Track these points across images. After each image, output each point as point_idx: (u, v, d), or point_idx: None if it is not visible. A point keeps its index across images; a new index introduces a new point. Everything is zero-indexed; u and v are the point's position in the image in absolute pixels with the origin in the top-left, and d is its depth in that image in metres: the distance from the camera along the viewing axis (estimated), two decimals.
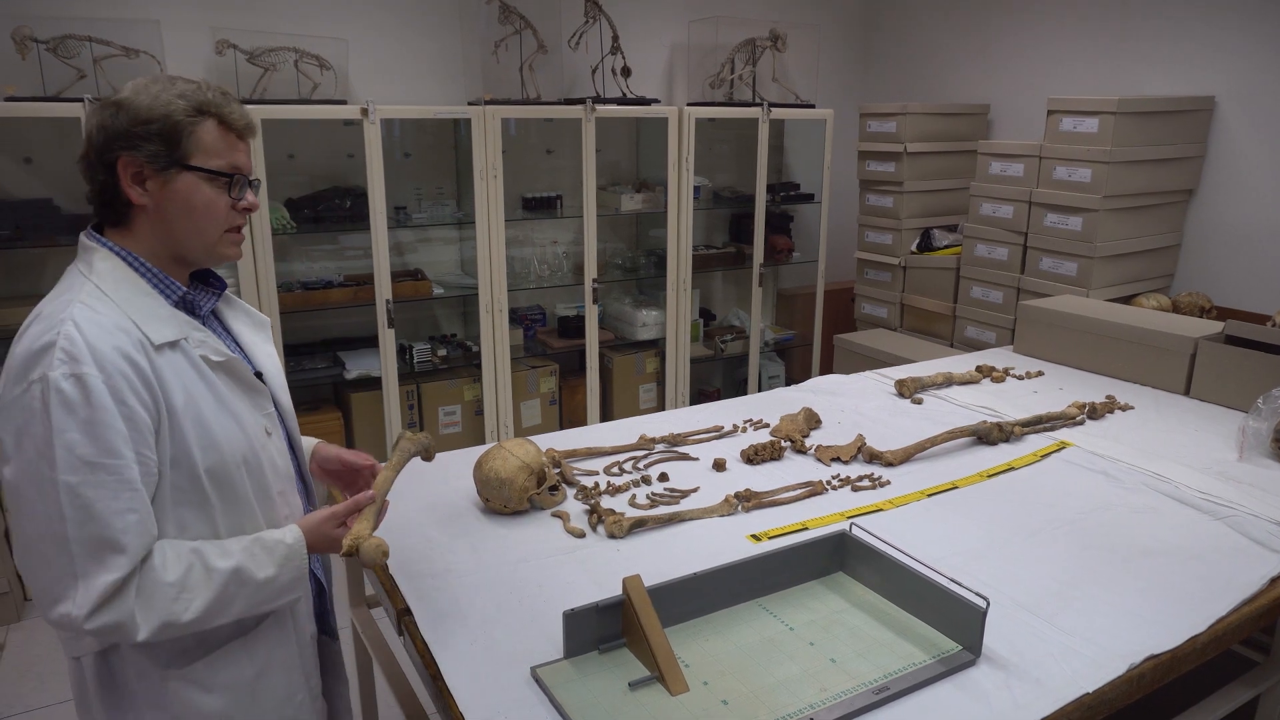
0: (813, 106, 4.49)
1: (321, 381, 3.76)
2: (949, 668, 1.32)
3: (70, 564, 1.09)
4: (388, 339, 3.62)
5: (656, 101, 4.13)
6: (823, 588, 1.55)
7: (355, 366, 3.72)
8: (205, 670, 1.28)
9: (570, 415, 4.28)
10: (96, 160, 1.21)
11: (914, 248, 4.28)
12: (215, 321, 1.38)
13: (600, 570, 1.62)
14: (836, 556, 1.59)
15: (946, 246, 4.17)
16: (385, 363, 3.64)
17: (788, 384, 3.67)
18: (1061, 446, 2.23)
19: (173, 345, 1.21)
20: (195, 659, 1.27)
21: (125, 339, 1.16)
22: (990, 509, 1.89)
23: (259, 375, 1.37)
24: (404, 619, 1.49)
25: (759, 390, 4.53)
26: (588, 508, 1.85)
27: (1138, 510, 1.89)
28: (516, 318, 4.26)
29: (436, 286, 3.89)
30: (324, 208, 3.63)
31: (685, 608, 1.44)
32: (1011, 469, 2.10)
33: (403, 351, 3.89)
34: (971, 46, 4.55)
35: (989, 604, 1.33)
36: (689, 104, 4.27)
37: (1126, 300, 3.51)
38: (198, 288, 1.34)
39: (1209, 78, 3.60)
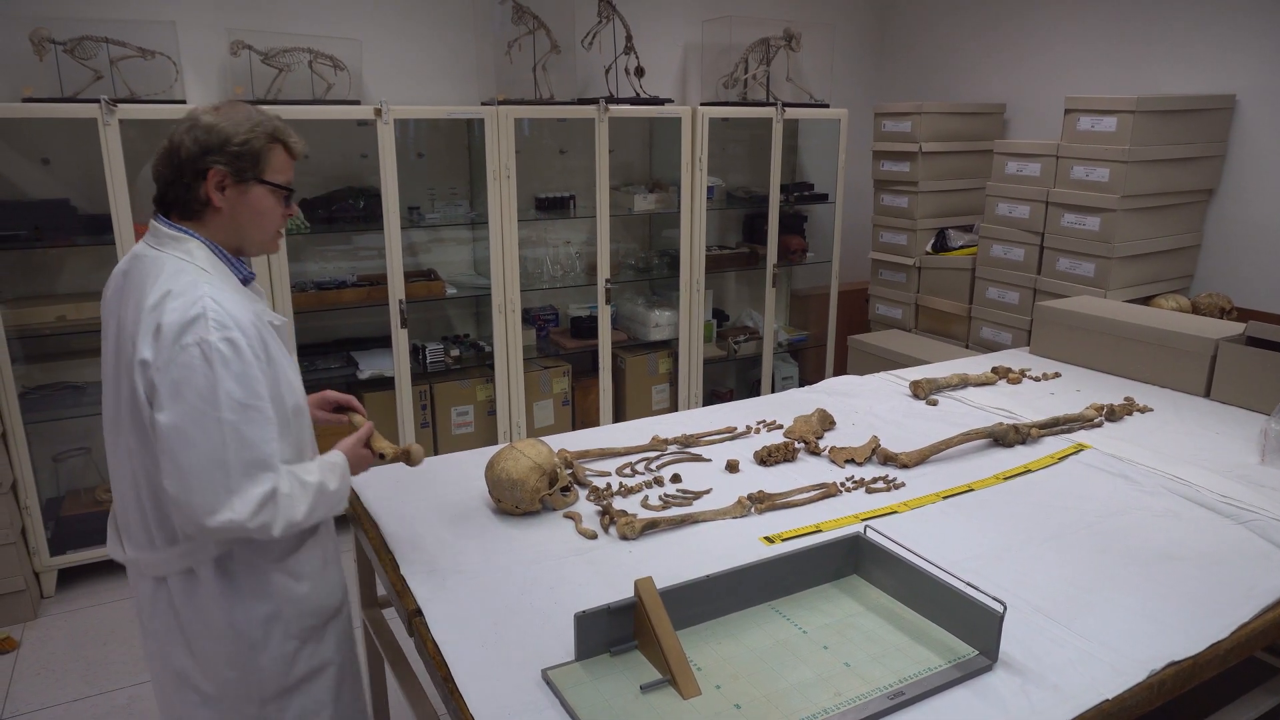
0: (827, 106, 4.46)
1: (335, 382, 3.77)
2: (965, 673, 1.30)
3: (228, 482, 1.38)
4: (400, 339, 3.62)
5: (670, 101, 4.12)
6: (837, 591, 1.53)
7: (368, 366, 3.73)
8: (294, 562, 1.60)
9: (583, 416, 4.28)
10: (189, 167, 1.45)
11: (929, 248, 4.25)
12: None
13: (612, 572, 1.61)
14: (850, 559, 1.57)
15: (962, 247, 4.14)
16: (398, 363, 3.64)
17: (801, 385, 3.65)
18: (1079, 449, 2.20)
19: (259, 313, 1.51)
20: (288, 554, 1.59)
21: (255, 308, 1.49)
22: (1007, 512, 1.87)
23: None
24: (415, 620, 1.48)
25: (772, 391, 4.51)
26: (600, 509, 1.84)
27: (1157, 514, 1.86)
28: (529, 318, 4.26)
29: (450, 287, 3.90)
30: (338, 208, 3.64)
31: (698, 610, 1.42)
32: (1028, 471, 2.08)
33: (416, 352, 3.89)
34: (987, 45, 4.52)
35: (1006, 608, 1.31)
36: (702, 104, 4.25)
37: (1145, 301, 3.47)
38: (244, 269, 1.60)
39: (1229, 76, 3.56)
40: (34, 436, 3.22)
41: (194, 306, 1.38)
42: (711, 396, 4.66)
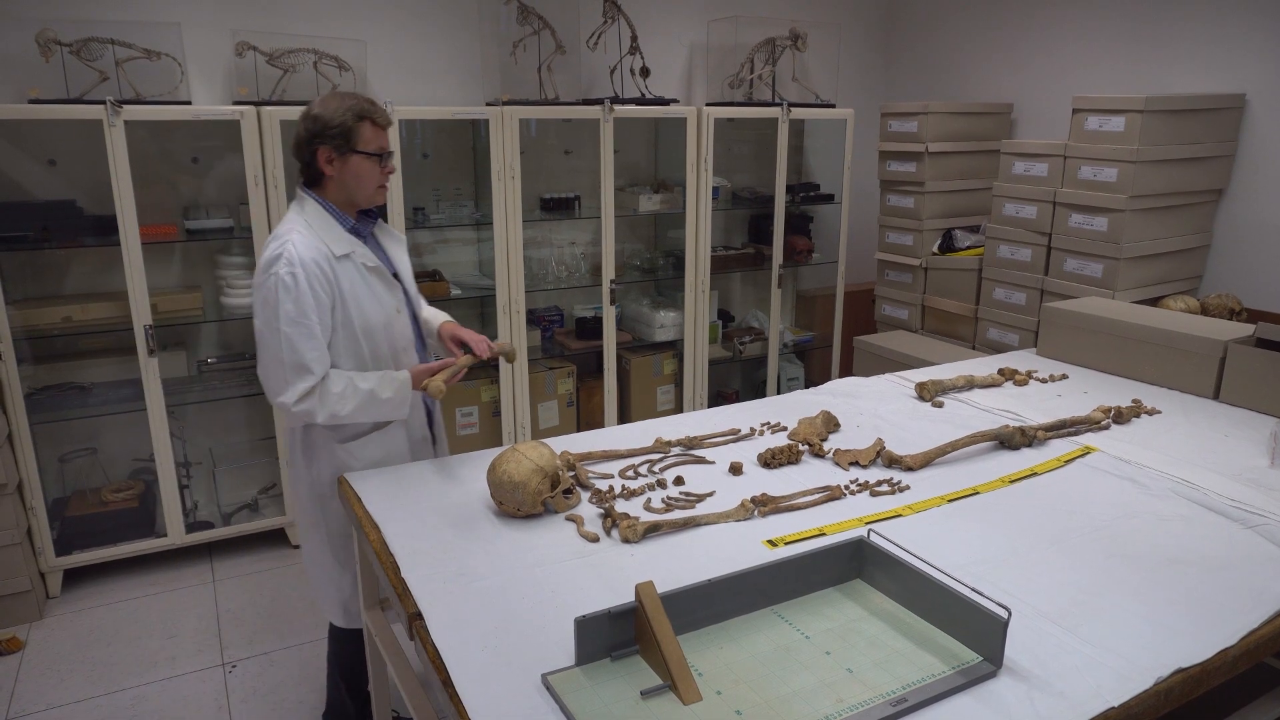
0: (833, 106, 4.45)
1: None
2: (969, 679, 1.29)
3: (284, 375, 1.92)
4: None
5: (675, 102, 4.11)
6: (840, 595, 1.52)
7: None
8: (355, 447, 2.12)
9: (588, 417, 4.27)
10: (305, 148, 1.99)
11: (935, 249, 4.23)
12: (374, 240, 2.15)
13: (614, 575, 1.61)
14: (854, 563, 1.56)
15: (969, 247, 4.12)
16: None
17: (807, 386, 3.64)
18: (1086, 451, 2.18)
19: (346, 256, 2.01)
20: (350, 439, 2.12)
21: (318, 254, 1.95)
22: (1012, 515, 1.86)
23: (395, 275, 2.15)
24: (415, 623, 1.47)
25: (778, 392, 4.50)
26: (602, 511, 1.84)
27: (1165, 518, 1.84)
28: (534, 319, 4.25)
29: (454, 287, 3.89)
30: None
31: (699, 615, 1.41)
32: (1034, 474, 2.06)
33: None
34: (994, 45, 4.49)
35: (1011, 614, 1.30)
36: (708, 104, 4.24)
37: (1153, 302, 3.45)
38: (363, 219, 2.11)
39: (1239, 75, 3.53)
40: (40, 437, 3.23)
41: (279, 249, 1.93)
42: (717, 398, 4.65)
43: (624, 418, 4.29)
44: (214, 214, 3.46)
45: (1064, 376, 2.84)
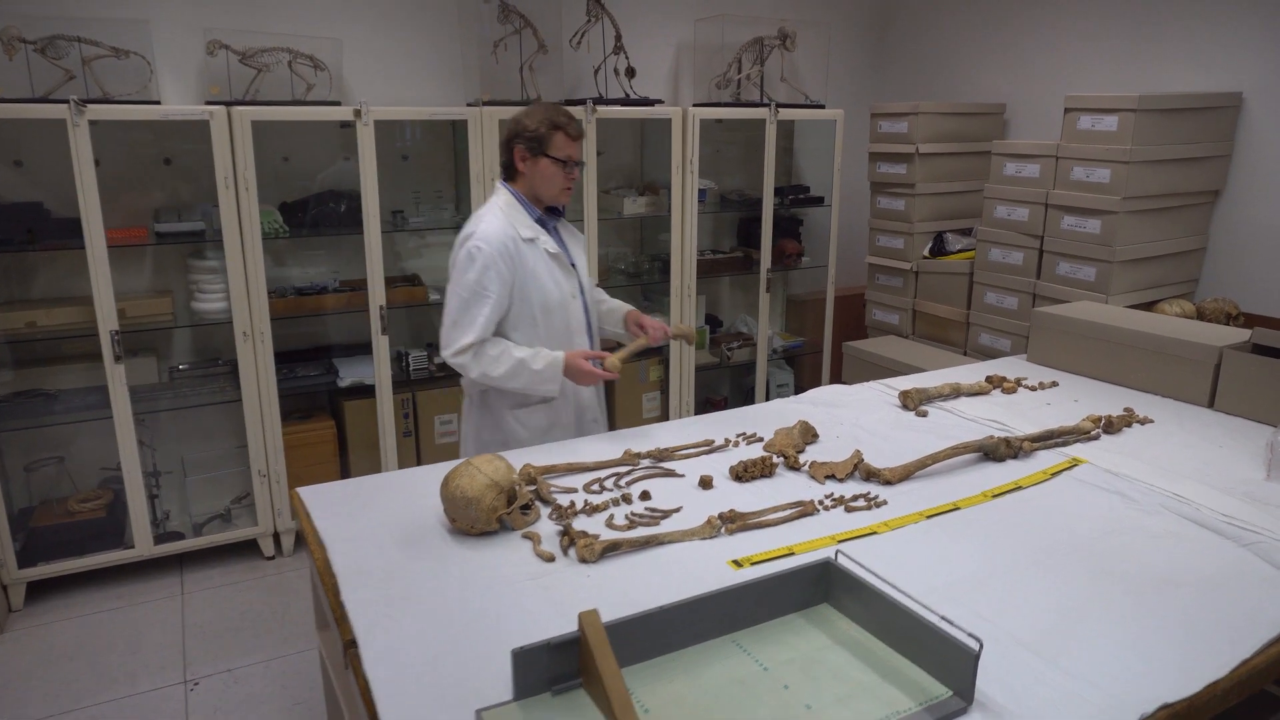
0: (822, 107, 4.36)
1: (315, 389, 3.68)
2: (937, 716, 1.19)
3: (451, 332, 2.22)
4: (381, 345, 3.53)
5: (660, 102, 4.02)
6: (804, 622, 1.43)
7: (349, 374, 3.64)
8: (523, 414, 2.36)
9: None
10: (505, 146, 2.29)
11: (926, 252, 4.13)
12: (557, 233, 2.40)
13: (567, 599, 1.51)
14: (820, 587, 1.47)
15: (960, 251, 4.02)
16: (379, 370, 3.55)
17: (797, 393, 3.54)
18: (1074, 464, 2.09)
19: (531, 240, 2.27)
20: (519, 406, 2.36)
21: (506, 235, 2.22)
22: (993, 532, 1.76)
23: (573, 265, 2.39)
24: (349, 651, 1.38)
25: (766, 399, 4.40)
26: (560, 529, 1.74)
27: (1155, 535, 1.75)
28: None
29: (433, 292, 3.80)
30: (318, 211, 3.56)
31: (650, 644, 1.32)
32: (1019, 488, 1.97)
33: (399, 358, 3.80)
34: (987, 44, 4.40)
35: (982, 646, 1.20)
36: (694, 105, 4.15)
37: (1148, 307, 3.35)
38: (549, 212, 2.37)
39: (1235, 74, 3.44)
40: (4, 445, 3.14)
41: (474, 227, 2.23)
42: (705, 404, 4.56)
43: (609, 425, 4.18)
44: (186, 217, 3.38)
45: (1054, 384, 2.74)
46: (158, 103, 3.24)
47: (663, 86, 4.41)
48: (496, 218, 2.24)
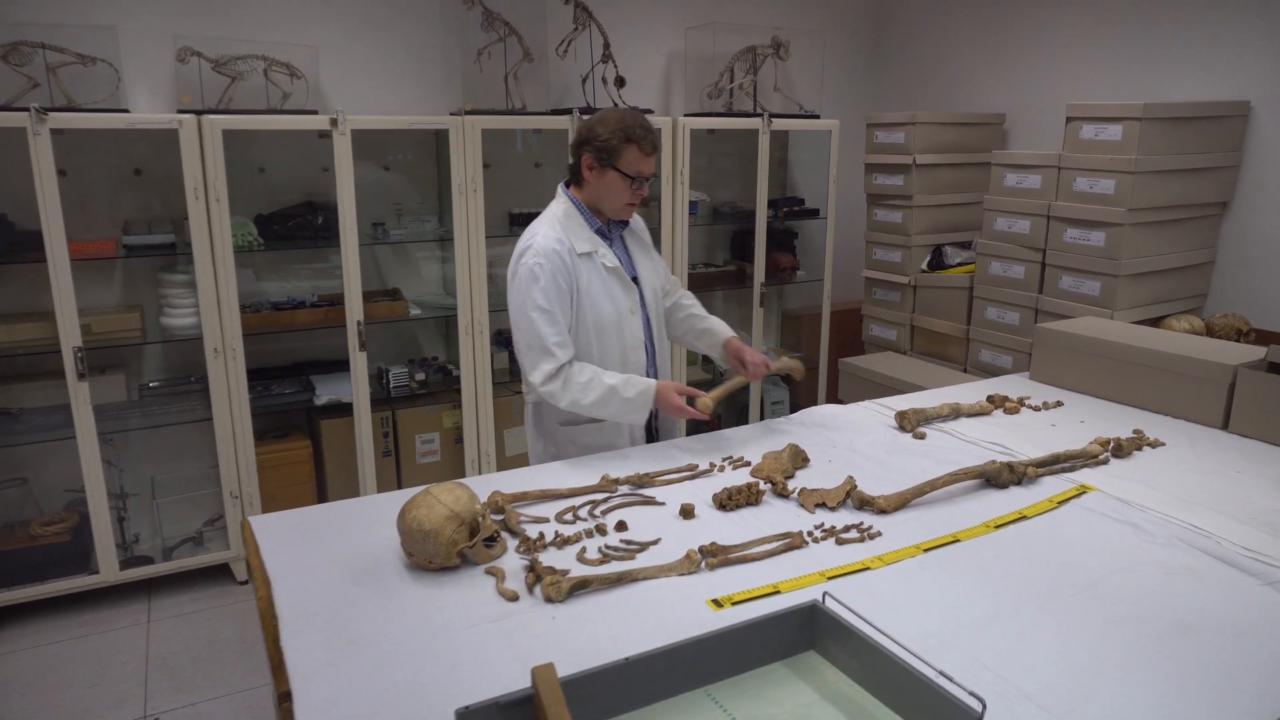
0: (817, 117, 4.25)
1: (291, 407, 3.55)
2: None
3: (532, 357, 2.11)
4: (359, 362, 3.40)
5: (650, 112, 3.90)
6: (787, 672, 1.29)
7: (326, 391, 3.51)
8: (575, 432, 2.26)
9: None
10: (574, 151, 2.16)
11: (925, 266, 4.01)
12: (622, 243, 2.29)
13: (529, 644, 1.38)
14: (806, 633, 1.33)
15: (959, 264, 3.90)
16: (356, 387, 3.42)
17: (793, 410, 3.41)
18: (1082, 491, 1.95)
19: (588, 255, 2.16)
20: (569, 423, 2.26)
21: (561, 248, 2.12)
22: (996, 568, 1.63)
23: (635, 279, 2.28)
24: (283, 705, 1.25)
25: (761, 418, 4.27)
26: (527, 564, 1.61)
27: (1171, 571, 1.61)
28: (503, 340, 4.03)
29: (414, 307, 3.68)
30: (295, 224, 3.44)
31: (615, 700, 1.18)
32: (1023, 518, 1.83)
33: (380, 375, 3.68)
34: (985, 52, 4.30)
35: (985, 707, 1.07)
36: (685, 114, 4.04)
37: (1155, 322, 3.22)
38: (612, 224, 2.25)
39: (1242, 82, 3.32)
40: None
41: (529, 241, 2.13)
42: (697, 424, 4.41)
43: None
44: (157, 229, 3.26)
45: (1059, 403, 2.61)
46: (126, 111, 3.12)
47: (653, 96, 4.30)
48: (552, 230, 2.13)
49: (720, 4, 4.33)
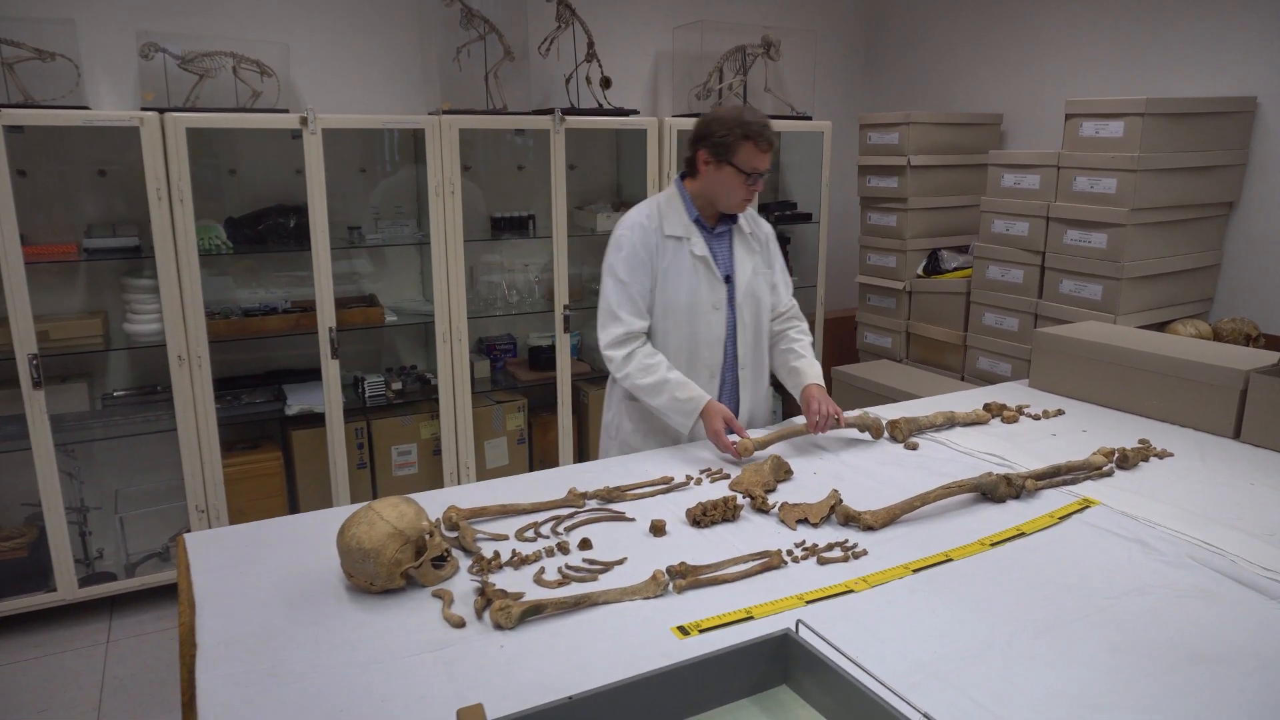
0: (809, 118, 4.13)
1: (261, 418, 3.42)
2: None
3: (602, 319, 2.21)
4: (332, 370, 3.27)
5: (635, 113, 3.79)
6: (757, 711, 1.15)
7: (297, 401, 3.37)
8: (629, 408, 2.30)
9: (542, 455, 3.91)
10: (691, 144, 2.16)
11: (920, 270, 3.88)
12: (725, 238, 2.27)
13: (471, 677, 1.24)
14: (778, 665, 1.19)
15: (956, 269, 3.77)
16: (329, 397, 3.28)
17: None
18: (1085, 505, 1.81)
19: (678, 238, 2.19)
20: (628, 398, 2.28)
21: (649, 226, 2.18)
22: (992, 590, 1.49)
23: (728, 277, 2.25)
24: None
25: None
26: (478, 586, 1.47)
27: (1183, 593, 1.47)
28: (484, 348, 3.91)
29: (390, 313, 3.55)
30: (265, 227, 3.31)
31: None
32: (1021, 535, 1.69)
33: (355, 384, 3.54)
34: (981, 51, 4.18)
35: None
36: (673, 115, 3.92)
37: (1159, 327, 3.09)
38: (719, 217, 2.25)
39: (1248, 77, 3.20)
40: None
41: (627, 217, 2.22)
42: None
43: (581, 456, 3.92)
44: (121, 231, 3.13)
45: (1060, 412, 2.47)
46: (86, 108, 3.00)
47: (640, 97, 4.18)
48: (648, 208, 2.22)
49: (708, 2, 4.21)
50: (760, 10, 4.35)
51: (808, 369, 2.30)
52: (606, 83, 3.81)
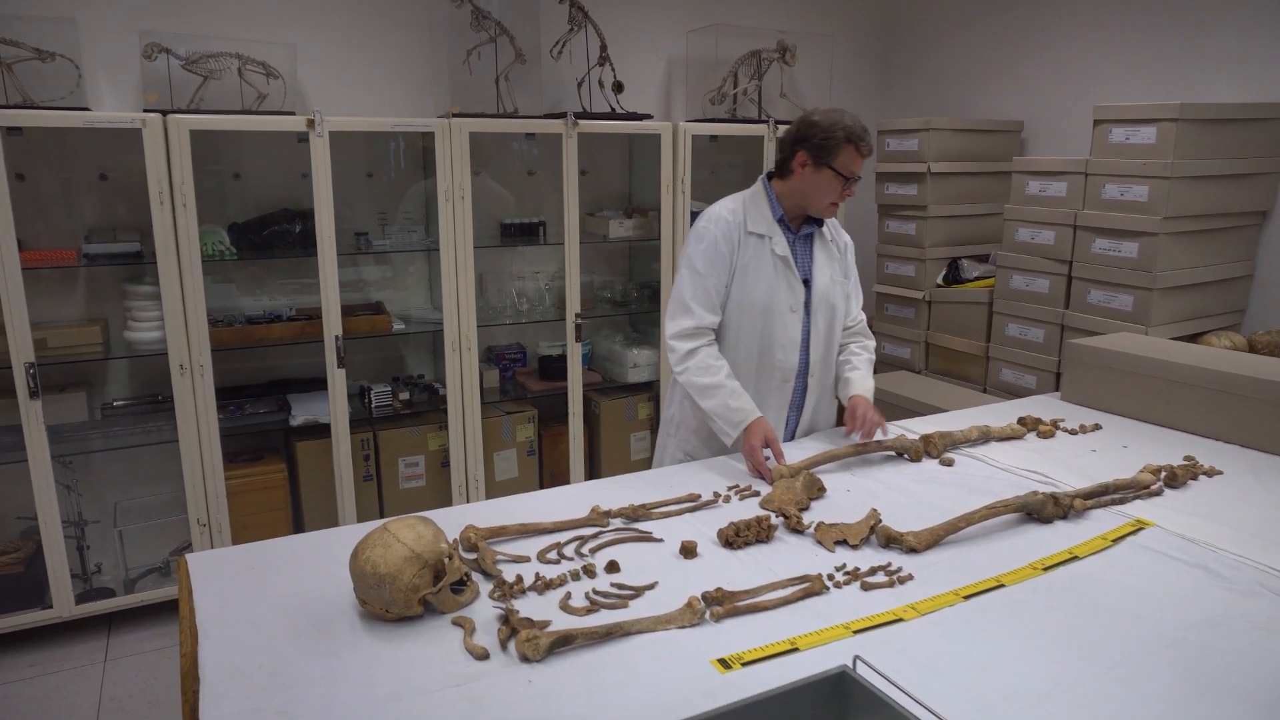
0: None
1: (265, 428, 3.32)
2: None
3: (672, 309, 2.18)
4: (337, 379, 3.17)
5: (649, 117, 3.71)
6: None
7: (302, 411, 3.28)
8: (688, 404, 2.23)
9: (552, 467, 3.81)
10: (789, 145, 2.11)
11: (940, 280, 3.79)
12: (806, 241, 2.23)
13: (496, 715, 1.14)
14: (833, 706, 1.09)
15: (977, 278, 3.68)
16: (334, 407, 3.19)
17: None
18: (1139, 527, 1.72)
19: (760, 236, 2.15)
20: (684, 399, 2.24)
21: (733, 220, 2.15)
22: (1051, 620, 1.39)
23: (806, 281, 2.20)
24: None
25: None
26: (501, 614, 1.37)
27: (1259, 625, 1.37)
28: (494, 357, 3.81)
29: (398, 321, 3.46)
30: (270, 233, 3.23)
31: None
32: (1074, 558, 1.59)
33: (362, 394, 3.45)
34: (1003, 57, 4.10)
35: None
36: (687, 120, 3.84)
37: (1191, 339, 3.00)
38: (804, 220, 2.22)
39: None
40: None
41: (711, 210, 2.19)
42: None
43: (592, 468, 3.83)
44: (122, 237, 3.05)
45: (1096, 426, 2.38)
46: (86, 109, 2.92)
47: (653, 102, 4.10)
48: (733, 203, 2.19)
49: (723, 6, 4.14)
50: (775, 14, 4.27)
51: (858, 381, 2.25)
52: (619, 87, 3.73)
